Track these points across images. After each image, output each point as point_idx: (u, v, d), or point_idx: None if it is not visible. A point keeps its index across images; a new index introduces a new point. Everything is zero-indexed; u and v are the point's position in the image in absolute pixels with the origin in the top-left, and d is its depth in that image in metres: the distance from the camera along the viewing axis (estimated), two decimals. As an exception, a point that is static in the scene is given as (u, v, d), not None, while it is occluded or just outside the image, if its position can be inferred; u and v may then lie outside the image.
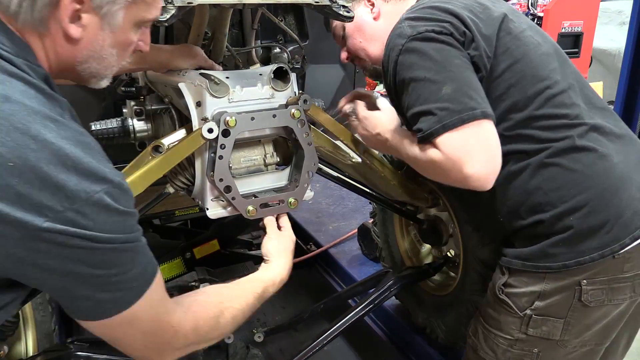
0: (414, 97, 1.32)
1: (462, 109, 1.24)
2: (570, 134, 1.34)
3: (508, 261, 1.43)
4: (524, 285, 1.39)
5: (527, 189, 1.36)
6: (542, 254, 1.36)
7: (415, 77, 1.32)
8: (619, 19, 6.45)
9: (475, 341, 1.54)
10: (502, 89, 1.36)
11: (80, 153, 0.80)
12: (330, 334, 1.91)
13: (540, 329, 1.39)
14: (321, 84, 2.52)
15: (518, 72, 1.36)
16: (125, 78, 1.82)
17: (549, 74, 1.38)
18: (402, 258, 2.38)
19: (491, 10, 1.42)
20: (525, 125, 1.35)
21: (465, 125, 1.24)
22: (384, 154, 2.23)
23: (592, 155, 1.34)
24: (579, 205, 1.32)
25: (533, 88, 1.36)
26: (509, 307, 1.42)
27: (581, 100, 1.40)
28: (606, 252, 1.30)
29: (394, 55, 1.37)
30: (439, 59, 1.30)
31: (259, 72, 1.54)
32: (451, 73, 1.29)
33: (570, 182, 1.33)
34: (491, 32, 1.37)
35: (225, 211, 1.51)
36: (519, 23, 1.44)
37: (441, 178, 1.33)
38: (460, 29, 1.34)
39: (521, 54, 1.38)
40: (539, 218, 1.35)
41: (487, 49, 1.35)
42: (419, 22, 1.35)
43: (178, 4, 1.17)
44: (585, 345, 1.41)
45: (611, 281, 1.34)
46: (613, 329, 1.43)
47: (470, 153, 1.24)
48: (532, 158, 1.35)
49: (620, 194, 1.33)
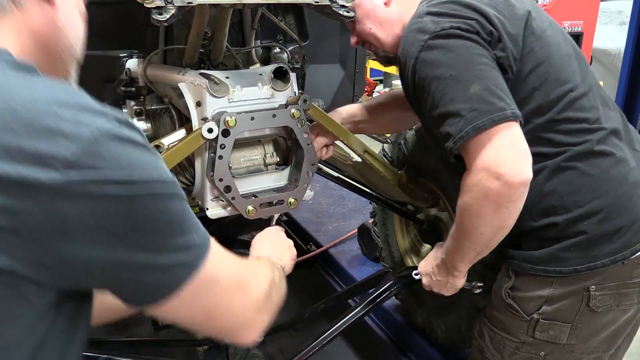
0: (438, 97, 1.26)
1: (492, 109, 1.19)
2: (589, 139, 1.31)
3: (516, 264, 1.39)
4: (531, 289, 1.37)
5: (542, 191, 1.33)
6: (552, 257, 1.33)
7: (440, 75, 1.25)
8: (619, 19, 6.45)
9: (482, 343, 1.53)
10: (527, 92, 1.32)
11: (66, 94, 0.67)
12: (330, 334, 1.91)
13: (547, 332, 1.37)
14: (321, 84, 2.52)
15: (542, 74, 1.32)
16: (125, 78, 1.82)
17: (571, 77, 1.35)
18: (402, 258, 2.38)
19: (515, 8, 1.36)
20: (546, 129, 1.32)
21: (496, 126, 1.19)
22: (384, 154, 2.23)
23: (610, 160, 1.32)
24: (594, 210, 1.30)
25: (556, 92, 1.32)
26: (515, 310, 1.40)
27: (600, 103, 1.37)
28: (618, 258, 1.29)
29: (414, 50, 1.30)
30: (466, 56, 1.24)
31: (259, 72, 1.55)
32: (479, 72, 1.23)
33: (586, 187, 1.30)
34: (517, 31, 1.32)
35: (225, 211, 1.51)
36: (541, 21, 1.38)
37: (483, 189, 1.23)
38: (487, 28, 1.28)
39: (545, 56, 1.33)
40: (552, 221, 1.33)
41: (514, 49, 1.30)
42: (442, 18, 1.29)
43: (178, 4, 1.17)
44: (593, 352, 1.40)
45: (620, 287, 1.32)
46: (620, 336, 1.42)
47: (503, 154, 1.20)
48: (550, 161, 1.32)
49: (635, 199, 1.31)
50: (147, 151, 0.70)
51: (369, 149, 1.81)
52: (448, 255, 1.47)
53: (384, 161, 1.94)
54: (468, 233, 1.33)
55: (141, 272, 0.70)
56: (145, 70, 1.72)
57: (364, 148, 1.79)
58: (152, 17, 1.15)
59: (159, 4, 1.16)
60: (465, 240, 1.35)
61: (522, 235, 1.39)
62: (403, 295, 2.39)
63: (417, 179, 2.06)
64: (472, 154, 1.23)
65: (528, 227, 1.37)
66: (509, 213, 1.24)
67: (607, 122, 1.36)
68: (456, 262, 1.45)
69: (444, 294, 1.59)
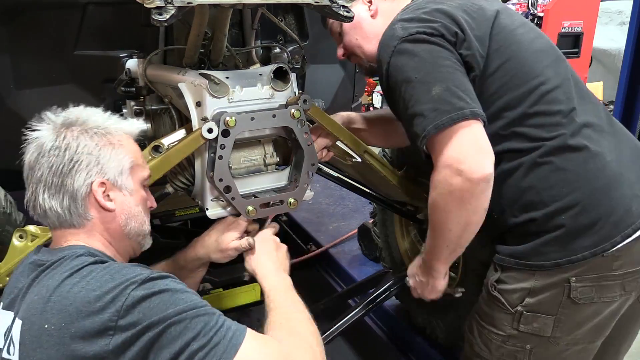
0: (407, 99, 1.33)
1: (451, 108, 1.26)
2: (563, 132, 1.34)
3: (501, 259, 1.44)
4: (514, 281, 1.41)
5: (521, 187, 1.37)
6: (534, 252, 1.37)
7: (407, 78, 1.33)
8: (619, 19, 6.46)
9: (471, 337, 1.57)
10: (495, 87, 1.37)
11: (99, 284, 1.00)
12: (330, 334, 1.91)
13: (532, 325, 1.40)
14: (321, 84, 2.52)
15: (510, 69, 1.37)
16: (125, 78, 1.82)
17: (542, 71, 1.39)
18: (402, 258, 2.38)
19: (485, 10, 1.43)
20: (519, 123, 1.36)
21: (455, 124, 1.26)
22: (384, 154, 2.23)
23: (584, 154, 1.34)
24: (571, 204, 1.33)
25: (526, 85, 1.37)
26: (501, 303, 1.44)
27: (575, 95, 1.40)
28: (597, 251, 1.32)
29: (386, 56, 1.38)
30: (429, 59, 1.31)
31: (258, 72, 1.54)
32: (440, 74, 1.30)
33: (562, 181, 1.34)
34: (484, 30, 1.38)
35: (225, 211, 1.51)
36: (511, 20, 1.44)
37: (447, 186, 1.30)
38: (452, 29, 1.34)
39: (513, 52, 1.39)
40: (532, 216, 1.37)
41: (480, 48, 1.36)
42: (410, 24, 1.36)
43: (178, 4, 1.17)
44: (578, 344, 1.42)
45: (600, 279, 1.35)
46: (605, 328, 1.44)
47: (463, 151, 1.26)
48: (526, 157, 1.36)
49: (612, 192, 1.34)
50: (169, 292, 1.03)
51: (369, 149, 1.81)
52: (427, 255, 1.53)
53: (383, 161, 1.95)
54: (439, 230, 1.39)
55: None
56: (145, 70, 1.72)
57: (364, 148, 1.79)
58: (152, 18, 1.15)
59: (159, 4, 1.16)
60: (438, 238, 1.42)
61: (506, 231, 1.44)
62: (403, 295, 2.39)
63: (417, 179, 2.06)
64: (436, 152, 1.30)
65: (511, 224, 1.41)
66: (474, 209, 1.30)
67: (583, 114, 1.38)
68: (433, 261, 1.51)
69: (427, 296, 1.64)
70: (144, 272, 1.04)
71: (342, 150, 1.83)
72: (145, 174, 1.26)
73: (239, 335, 1.01)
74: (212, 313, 1.03)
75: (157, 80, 1.70)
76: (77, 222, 1.14)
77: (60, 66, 1.90)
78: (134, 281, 1.00)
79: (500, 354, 1.47)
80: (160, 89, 1.71)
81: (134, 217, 1.21)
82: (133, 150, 1.22)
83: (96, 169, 1.13)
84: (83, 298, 0.98)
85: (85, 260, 1.06)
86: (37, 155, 1.13)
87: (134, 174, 1.21)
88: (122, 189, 1.18)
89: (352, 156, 1.86)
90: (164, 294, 1.01)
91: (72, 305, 0.97)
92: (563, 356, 1.43)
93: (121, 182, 1.18)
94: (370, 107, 7.02)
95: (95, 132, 1.16)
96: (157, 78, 1.69)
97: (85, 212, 1.14)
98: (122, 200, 1.19)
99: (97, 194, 1.14)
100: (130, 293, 0.98)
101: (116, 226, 1.18)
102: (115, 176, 1.16)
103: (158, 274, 1.05)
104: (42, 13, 1.80)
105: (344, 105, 2.71)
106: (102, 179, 1.14)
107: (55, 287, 1.01)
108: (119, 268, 1.06)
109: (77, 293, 0.99)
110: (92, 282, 1.01)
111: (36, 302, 1.02)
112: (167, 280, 1.05)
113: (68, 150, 1.12)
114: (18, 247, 1.42)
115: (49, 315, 0.98)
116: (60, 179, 1.11)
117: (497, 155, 1.30)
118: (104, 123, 1.19)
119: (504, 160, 1.37)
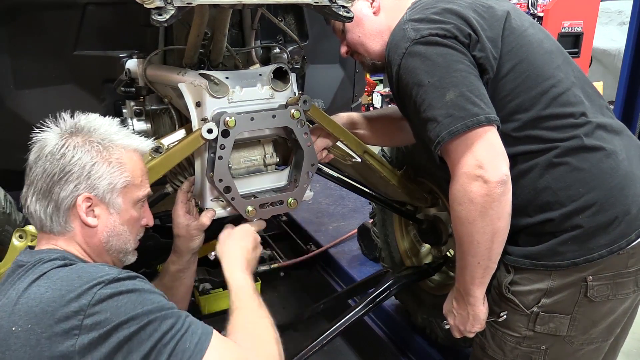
0: (419, 103, 1.32)
1: (465, 115, 1.25)
2: (577, 133, 1.34)
3: (514, 260, 1.42)
4: (530, 283, 1.40)
5: (536, 188, 1.36)
6: (550, 252, 1.36)
7: (419, 82, 1.31)
8: (619, 19, 6.46)
9: (483, 340, 1.54)
10: (508, 89, 1.36)
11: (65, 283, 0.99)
12: (330, 334, 1.91)
13: (548, 325, 1.40)
14: (321, 84, 2.52)
15: (523, 72, 1.36)
16: (125, 78, 1.82)
17: (553, 72, 1.38)
18: (402, 258, 2.38)
19: (495, 9, 1.41)
20: (533, 126, 1.35)
21: (471, 131, 1.25)
22: (383, 154, 2.23)
23: (600, 153, 1.34)
24: (588, 204, 1.32)
25: (538, 88, 1.36)
26: (515, 305, 1.42)
27: (584, 97, 1.40)
28: (614, 249, 1.31)
29: (397, 58, 1.36)
30: (443, 63, 1.30)
31: (258, 72, 1.54)
32: (454, 78, 1.28)
33: (579, 181, 1.33)
34: (496, 32, 1.37)
35: (225, 211, 1.51)
36: (521, 21, 1.43)
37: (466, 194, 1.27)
38: (465, 31, 1.33)
39: (525, 53, 1.37)
40: (548, 216, 1.35)
41: (493, 49, 1.35)
42: (422, 25, 1.34)
43: (177, 4, 1.17)
44: (592, 343, 1.42)
45: (616, 276, 1.35)
46: (618, 325, 1.44)
47: (479, 158, 1.24)
48: (540, 157, 1.35)
49: (627, 190, 1.34)
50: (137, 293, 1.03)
51: (368, 149, 1.81)
52: (459, 282, 1.47)
53: (383, 161, 1.95)
54: (467, 245, 1.34)
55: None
56: (145, 70, 1.72)
57: (364, 148, 1.79)
58: (152, 18, 1.15)
59: (159, 4, 1.16)
60: (467, 255, 1.36)
61: (520, 232, 1.42)
62: (403, 295, 2.39)
63: (416, 179, 2.06)
64: (452, 160, 1.29)
65: (525, 224, 1.40)
66: (497, 214, 1.27)
67: (594, 116, 1.38)
68: (467, 286, 1.43)
69: (470, 330, 1.51)
70: (111, 271, 1.04)
71: (341, 151, 1.84)
72: (142, 193, 1.23)
73: (205, 340, 1.02)
74: (179, 315, 1.04)
75: (157, 81, 1.70)
76: (58, 230, 1.15)
77: (60, 66, 1.90)
78: (101, 281, 1.00)
79: (515, 355, 1.46)
80: (160, 89, 1.71)
81: (117, 235, 1.20)
82: (132, 170, 1.20)
83: (85, 184, 1.13)
84: (49, 298, 0.98)
85: (54, 264, 1.06)
86: (36, 157, 1.13)
87: (126, 193, 1.19)
88: (110, 206, 1.17)
89: (352, 156, 1.86)
90: (132, 293, 1.01)
91: (38, 307, 0.97)
92: (577, 355, 1.43)
93: (109, 200, 1.16)
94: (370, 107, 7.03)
95: (97, 145, 1.15)
96: (157, 78, 1.69)
97: (66, 222, 1.14)
98: (107, 217, 1.18)
99: (80, 209, 1.13)
100: (97, 292, 0.98)
101: (97, 241, 1.18)
102: (104, 193, 1.15)
103: (126, 273, 1.05)
104: (42, 13, 1.80)
105: (344, 105, 2.72)
106: (89, 194, 1.13)
107: (24, 290, 1.01)
108: (87, 267, 1.06)
109: (43, 294, 0.99)
110: (59, 282, 1.01)
111: (5, 305, 1.01)
112: (135, 280, 1.05)
113: (62, 159, 1.12)
114: (18, 247, 1.42)
115: (16, 317, 0.98)
116: (49, 185, 1.12)
117: (511, 157, 1.29)
118: (112, 136, 1.18)
119: (517, 162, 1.36)
